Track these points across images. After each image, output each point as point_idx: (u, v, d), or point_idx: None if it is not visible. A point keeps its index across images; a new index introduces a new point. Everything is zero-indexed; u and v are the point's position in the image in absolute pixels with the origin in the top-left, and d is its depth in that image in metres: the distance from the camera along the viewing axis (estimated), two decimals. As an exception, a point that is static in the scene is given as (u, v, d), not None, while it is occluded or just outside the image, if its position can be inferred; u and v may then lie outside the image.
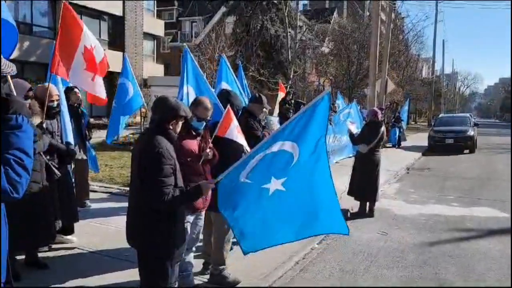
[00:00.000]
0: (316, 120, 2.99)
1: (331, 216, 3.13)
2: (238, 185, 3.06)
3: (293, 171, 3.04)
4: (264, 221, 3.15)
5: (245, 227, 3.16)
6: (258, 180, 3.05)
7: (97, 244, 5.00)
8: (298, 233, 3.23)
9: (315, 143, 3.02)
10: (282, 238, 3.26)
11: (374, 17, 16.15)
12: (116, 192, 7.76)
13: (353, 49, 26.43)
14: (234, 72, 6.86)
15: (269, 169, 3.05)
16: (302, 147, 3.03)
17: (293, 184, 3.05)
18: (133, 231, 2.84)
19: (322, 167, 3.05)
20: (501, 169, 12.99)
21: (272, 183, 3.04)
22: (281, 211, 3.11)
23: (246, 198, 3.08)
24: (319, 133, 3.02)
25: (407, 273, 4.70)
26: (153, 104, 2.90)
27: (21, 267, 4.14)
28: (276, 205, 3.09)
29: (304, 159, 3.04)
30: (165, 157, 2.65)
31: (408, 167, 13.12)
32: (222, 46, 18.93)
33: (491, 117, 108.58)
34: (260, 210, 3.12)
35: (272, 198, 3.07)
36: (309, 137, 3.02)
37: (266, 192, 3.06)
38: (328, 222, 3.16)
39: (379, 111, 7.43)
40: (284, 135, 3.05)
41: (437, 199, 8.55)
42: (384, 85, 16.88)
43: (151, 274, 2.81)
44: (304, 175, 3.06)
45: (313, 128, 3.01)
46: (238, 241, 3.23)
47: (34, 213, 3.95)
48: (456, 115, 25.25)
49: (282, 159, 3.04)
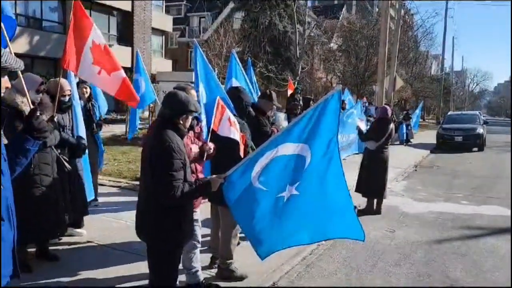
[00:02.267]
0: (327, 120, 2.90)
1: (345, 219, 3.06)
2: (251, 190, 3.01)
3: (306, 173, 2.98)
4: (279, 227, 3.10)
5: (261, 234, 3.12)
6: (274, 188, 3.00)
7: (106, 238, 5.06)
8: (313, 236, 3.19)
9: (327, 143, 2.93)
10: (297, 240, 3.22)
11: (383, 14, 16.05)
12: (124, 186, 7.82)
13: (361, 45, 26.29)
14: (243, 68, 6.87)
15: (283, 176, 2.99)
16: (314, 149, 2.95)
17: (306, 186, 3.00)
18: (143, 224, 2.87)
19: (335, 168, 2.97)
20: (510, 167, 12.88)
21: (287, 191, 3.00)
22: (296, 214, 3.06)
23: (261, 207, 3.03)
24: (331, 133, 2.92)
25: (414, 270, 4.70)
26: (164, 99, 2.93)
27: (32, 259, 4.21)
28: (290, 209, 3.04)
29: (317, 160, 2.96)
30: (176, 151, 2.68)
31: (416, 165, 13.06)
32: (230, 42, 18.94)
33: (501, 115, 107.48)
34: (276, 217, 3.07)
35: (287, 204, 3.03)
36: (321, 138, 2.93)
37: (281, 200, 3.02)
38: (343, 226, 3.08)
39: (389, 108, 7.41)
40: (295, 135, 2.97)
41: (446, 197, 8.51)
42: (392, 82, 16.78)
43: (160, 266, 2.85)
44: (317, 177, 3.00)
45: (324, 128, 2.92)
46: (254, 247, 3.18)
47: (44, 206, 4.01)
48: (465, 113, 25.02)
49: (295, 163, 2.98)
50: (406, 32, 30.15)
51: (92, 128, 5.91)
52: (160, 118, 2.88)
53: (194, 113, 2.95)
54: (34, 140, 2.70)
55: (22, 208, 3.96)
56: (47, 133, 3.88)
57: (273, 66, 20.37)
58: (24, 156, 2.70)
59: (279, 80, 19.57)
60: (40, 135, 3.79)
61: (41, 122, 3.83)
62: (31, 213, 3.96)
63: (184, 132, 2.88)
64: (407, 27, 31.63)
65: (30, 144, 2.60)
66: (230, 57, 6.56)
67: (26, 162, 2.66)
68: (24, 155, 2.69)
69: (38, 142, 2.84)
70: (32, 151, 3.72)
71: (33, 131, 3.59)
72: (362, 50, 26.18)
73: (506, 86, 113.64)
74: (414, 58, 33.37)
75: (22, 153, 2.63)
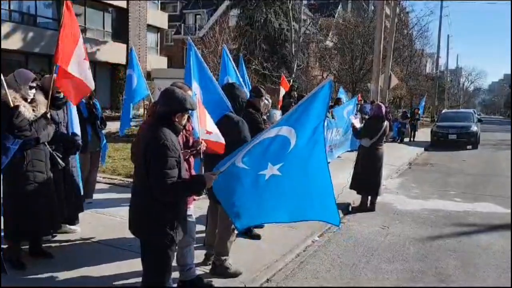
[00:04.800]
0: (315, 107, 3.04)
1: (325, 204, 3.20)
2: (234, 169, 3.11)
3: (290, 156, 3.10)
4: (259, 202, 3.24)
5: (240, 209, 3.26)
6: (255, 167, 3.11)
7: (100, 234, 5.05)
8: (292, 216, 3.35)
9: (313, 128, 3.07)
10: (276, 218, 3.40)
11: (379, 12, 16.07)
12: (119, 183, 7.80)
13: (357, 43, 26.29)
14: (236, 64, 6.87)
15: (265, 155, 3.10)
16: (299, 133, 3.07)
17: (289, 169, 3.11)
18: (136, 220, 2.87)
19: (318, 153, 3.11)
20: (504, 165, 12.98)
21: (269, 169, 3.11)
22: (276, 193, 3.19)
23: (242, 184, 3.15)
24: (318, 119, 3.06)
25: (407, 266, 4.73)
26: (160, 96, 2.92)
27: (26, 257, 4.19)
28: (271, 189, 3.17)
29: (302, 144, 3.09)
30: (170, 149, 2.68)
31: (411, 162, 13.12)
32: (226, 39, 18.90)
33: (495, 113, 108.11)
34: (256, 194, 3.20)
35: (268, 183, 3.15)
36: (308, 123, 3.07)
37: (263, 178, 3.14)
38: (321, 209, 3.24)
39: (383, 106, 7.44)
40: (283, 121, 3.11)
41: (440, 194, 8.57)
42: (387, 80, 16.82)
43: (153, 263, 2.85)
44: (301, 161, 3.12)
45: (312, 114, 3.05)
46: (232, 221, 3.35)
47: (38, 203, 3.99)
48: (460, 111, 25.17)
49: (279, 144, 3.10)
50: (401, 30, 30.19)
51: (97, 125, 5.89)
52: (155, 115, 2.87)
53: (191, 111, 2.95)
54: (14, 139, 2.67)
55: (14, 204, 3.97)
56: (28, 132, 3.86)
57: (269, 63, 20.36)
58: (4, 154, 2.67)
59: (274, 78, 19.56)
60: (20, 134, 3.78)
61: (22, 120, 3.81)
62: (24, 210, 3.95)
63: (179, 130, 2.88)
64: (402, 25, 31.66)
65: (10, 142, 2.57)
66: (222, 53, 6.55)
67: (6, 161, 2.62)
68: (4, 153, 2.66)
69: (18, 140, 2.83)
70: (12, 150, 3.70)
71: (14, 129, 3.56)
72: (357, 48, 26.17)
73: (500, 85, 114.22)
74: (409, 56, 33.42)
75: (2, 151, 2.60)
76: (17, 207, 3.96)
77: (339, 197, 7.32)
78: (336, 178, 8.75)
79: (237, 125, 4.03)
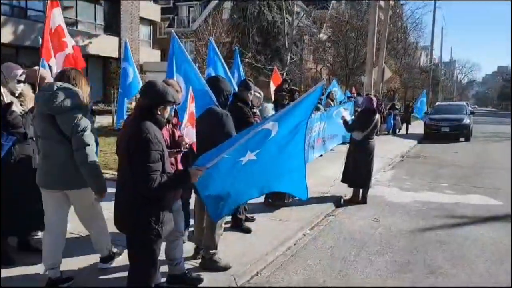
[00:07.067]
0: (302, 107, 3.20)
1: (293, 178, 3.42)
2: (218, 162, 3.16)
3: (268, 144, 3.23)
4: (233, 186, 3.34)
5: (217, 198, 3.36)
6: (235, 155, 3.19)
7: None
8: (261, 189, 3.56)
9: (295, 124, 3.24)
10: (247, 196, 3.54)
11: (373, 4, 16.03)
12: (110, 177, 7.73)
13: (350, 36, 26.26)
14: (231, 58, 6.85)
15: (246, 145, 3.19)
16: (282, 126, 3.20)
17: (264, 153, 3.25)
18: (121, 215, 2.84)
19: (297, 140, 3.30)
20: (496, 157, 13.06)
21: (247, 156, 3.22)
22: (250, 174, 3.31)
23: (219, 171, 3.20)
24: (302, 117, 3.23)
25: (397, 259, 4.75)
26: (141, 89, 2.89)
27: (14, 252, 4.16)
28: (246, 171, 3.28)
29: (281, 135, 3.23)
30: (153, 142, 2.65)
31: (403, 155, 13.16)
32: (219, 32, 18.80)
33: (488, 106, 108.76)
34: (231, 178, 3.29)
35: (244, 167, 3.26)
36: (291, 119, 3.22)
37: (239, 164, 3.23)
38: (290, 183, 3.47)
39: (374, 99, 7.41)
40: (271, 118, 3.24)
41: (431, 187, 8.60)
42: (381, 73, 16.84)
43: (139, 257, 2.83)
44: (277, 147, 3.28)
45: (298, 112, 3.20)
46: (207, 210, 3.45)
47: (26, 198, 3.95)
48: (453, 103, 25.22)
49: (260, 136, 3.20)
50: (395, 22, 30.18)
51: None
52: (138, 109, 2.84)
53: (173, 104, 2.92)
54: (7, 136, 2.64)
55: (2, 200, 3.93)
56: (22, 129, 3.80)
57: (262, 56, 20.30)
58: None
59: (267, 71, 19.51)
60: (14, 131, 3.73)
61: (15, 117, 3.76)
62: (13, 205, 3.91)
63: (162, 123, 2.85)
64: (396, 18, 31.64)
65: (3, 139, 2.54)
66: (208, 45, 6.50)
67: None
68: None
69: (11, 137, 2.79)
70: (6, 146, 3.65)
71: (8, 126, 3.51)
72: (351, 41, 26.14)
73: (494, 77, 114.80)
74: (403, 49, 33.45)
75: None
76: (6, 203, 3.91)
77: (330, 190, 7.37)
78: (328, 171, 8.80)
79: (221, 118, 3.98)
